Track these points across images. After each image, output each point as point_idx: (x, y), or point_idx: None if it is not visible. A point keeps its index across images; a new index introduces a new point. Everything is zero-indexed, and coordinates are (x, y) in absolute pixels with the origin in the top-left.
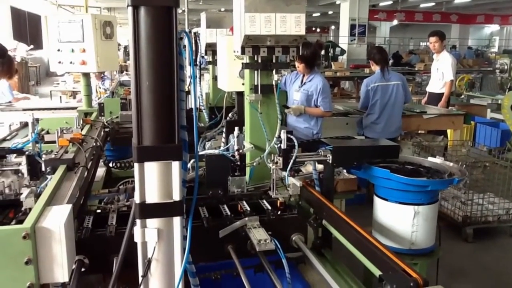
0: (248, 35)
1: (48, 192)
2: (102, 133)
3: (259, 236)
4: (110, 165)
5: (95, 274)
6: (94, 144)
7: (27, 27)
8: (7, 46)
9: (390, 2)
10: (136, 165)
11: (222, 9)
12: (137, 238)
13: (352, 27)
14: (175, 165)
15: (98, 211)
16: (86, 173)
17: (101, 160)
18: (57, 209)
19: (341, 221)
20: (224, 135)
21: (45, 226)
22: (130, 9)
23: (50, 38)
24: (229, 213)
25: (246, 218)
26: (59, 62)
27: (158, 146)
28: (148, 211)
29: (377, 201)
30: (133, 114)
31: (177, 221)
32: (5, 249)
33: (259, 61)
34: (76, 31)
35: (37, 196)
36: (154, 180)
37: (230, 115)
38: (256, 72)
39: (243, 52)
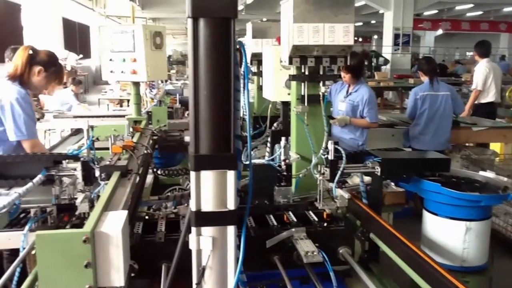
0: (296, 45)
1: (105, 197)
2: (151, 141)
3: (306, 247)
4: (159, 172)
5: (142, 279)
6: (145, 151)
7: (77, 37)
8: (59, 55)
9: (435, 11)
10: (192, 173)
11: (264, 19)
12: (192, 246)
13: (396, 36)
14: (230, 174)
15: (146, 217)
16: (137, 179)
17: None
18: (113, 214)
19: (389, 235)
20: (268, 144)
21: (104, 231)
22: (189, 20)
23: (102, 48)
24: (275, 223)
25: (293, 229)
26: (111, 72)
27: (214, 155)
28: (204, 219)
29: (427, 215)
30: (191, 123)
31: (231, 230)
32: (67, 251)
33: (306, 71)
34: (128, 41)
35: (91, 201)
36: (210, 189)
37: (275, 125)
38: (303, 83)
39: (290, 62)
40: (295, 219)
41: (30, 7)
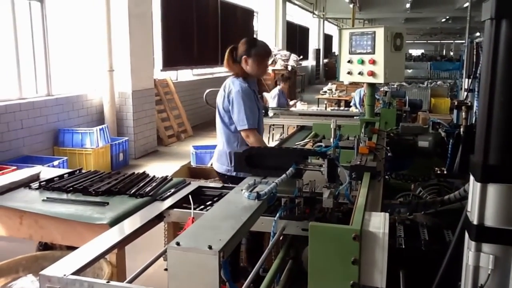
0: None
1: (363, 198)
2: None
3: None
4: (393, 176)
5: None
6: (388, 154)
7: (297, 39)
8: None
9: None
10: (477, 184)
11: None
12: (471, 261)
13: None
14: None
15: None
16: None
17: None
18: (376, 215)
19: None
20: None
21: (372, 230)
22: (488, 22)
23: (341, 50)
24: None
25: None
26: (348, 73)
27: (506, 167)
28: (486, 235)
29: None
30: (480, 130)
31: None
32: (337, 245)
33: None
34: (367, 43)
35: (335, 198)
36: (497, 203)
37: None
38: None
39: None
40: None
41: (262, 12)
